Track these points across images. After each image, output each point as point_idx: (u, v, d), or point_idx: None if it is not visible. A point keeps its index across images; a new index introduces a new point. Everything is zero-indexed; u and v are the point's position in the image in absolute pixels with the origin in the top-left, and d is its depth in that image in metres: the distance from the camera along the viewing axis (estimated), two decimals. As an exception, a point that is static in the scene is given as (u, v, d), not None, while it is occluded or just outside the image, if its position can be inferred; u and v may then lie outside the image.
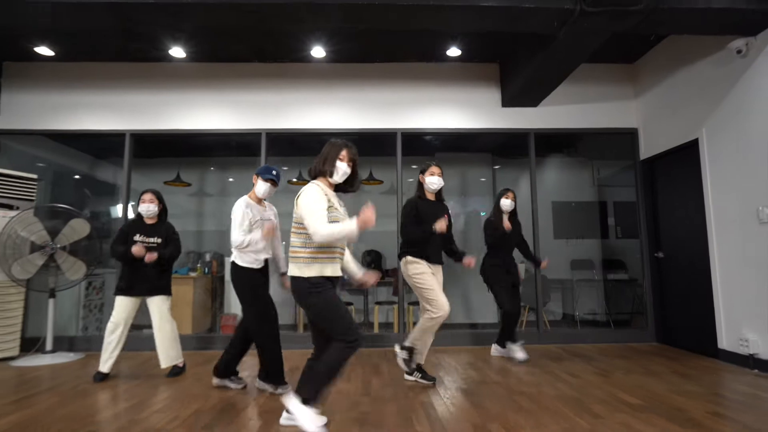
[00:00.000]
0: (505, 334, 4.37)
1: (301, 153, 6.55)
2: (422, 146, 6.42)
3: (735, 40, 3.98)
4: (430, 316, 3.38)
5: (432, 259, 3.49)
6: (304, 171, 6.93)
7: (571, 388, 3.32)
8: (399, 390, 3.34)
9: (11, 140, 5.49)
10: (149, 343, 5.05)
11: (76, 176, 6.72)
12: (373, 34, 4.83)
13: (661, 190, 5.23)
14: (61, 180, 6.49)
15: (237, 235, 3.21)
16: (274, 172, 3.37)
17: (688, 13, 3.53)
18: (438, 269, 3.57)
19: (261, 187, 3.35)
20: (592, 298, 6.84)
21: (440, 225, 3.33)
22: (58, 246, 4.58)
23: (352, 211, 2.52)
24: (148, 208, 3.84)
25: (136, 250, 3.65)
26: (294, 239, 2.46)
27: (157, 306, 3.83)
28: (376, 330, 5.69)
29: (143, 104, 5.36)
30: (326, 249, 2.43)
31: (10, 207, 4.66)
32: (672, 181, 5.02)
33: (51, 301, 4.64)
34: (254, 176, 3.39)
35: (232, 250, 3.29)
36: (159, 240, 3.86)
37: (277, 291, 3.72)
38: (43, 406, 3.01)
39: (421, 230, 3.44)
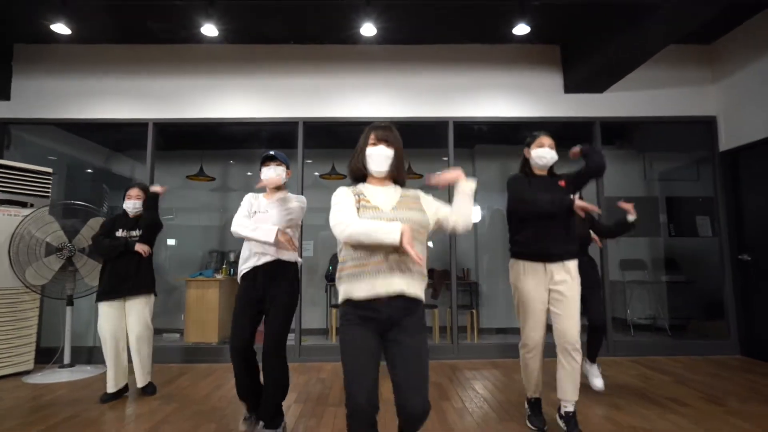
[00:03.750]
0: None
1: (338, 144, 6.03)
2: (463, 137, 5.89)
3: None
4: (520, 346, 2.74)
5: (539, 254, 2.61)
6: (338, 164, 6.40)
7: (690, 422, 2.79)
8: (481, 420, 2.83)
9: (22, 130, 4.98)
10: (172, 354, 4.58)
11: (88, 170, 6.23)
12: (428, 11, 4.28)
13: (745, 186, 4.68)
14: (75, 174, 5.99)
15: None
16: (271, 153, 2.71)
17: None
18: (554, 268, 2.60)
19: (264, 174, 2.68)
20: (644, 301, 6.31)
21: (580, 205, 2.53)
22: (77, 248, 4.08)
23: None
24: (135, 205, 3.51)
25: (140, 248, 3.38)
26: None
27: (138, 310, 3.39)
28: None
29: (168, 91, 4.83)
30: (356, 259, 1.76)
31: (23, 204, 4.16)
32: (762, 176, 4.47)
33: (69, 309, 4.16)
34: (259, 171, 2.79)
35: None
36: (140, 232, 3.47)
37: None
38: (69, 444, 2.52)
39: (546, 199, 2.56)
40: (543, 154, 2.68)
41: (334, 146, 6.44)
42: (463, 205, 1.85)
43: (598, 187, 4.95)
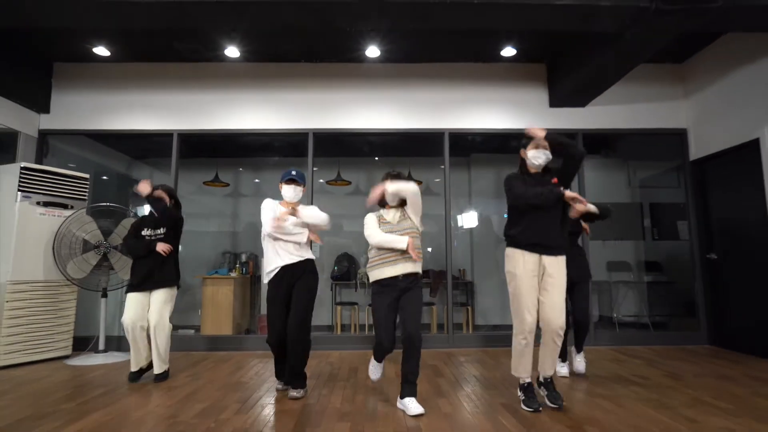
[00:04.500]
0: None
1: (344, 153, 6.54)
2: (459, 147, 6.39)
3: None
4: (514, 335, 2.93)
5: (535, 244, 2.85)
6: (343, 171, 6.91)
7: (647, 390, 3.27)
8: (471, 391, 3.30)
9: (55, 140, 5.49)
10: (195, 343, 5.04)
11: (104, 177, 6.72)
12: (426, 35, 4.81)
13: (712, 192, 5.17)
14: (99, 179, 6.50)
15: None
16: (293, 173, 3.34)
17: (765, 11, 3.49)
18: (546, 260, 2.85)
19: (285, 191, 3.35)
20: (629, 300, 6.76)
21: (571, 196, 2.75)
22: (111, 245, 4.57)
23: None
24: None
25: (160, 248, 3.69)
26: None
27: (159, 302, 3.67)
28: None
29: (192, 104, 5.35)
30: (381, 255, 2.97)
31: (65, 206, 4.66)
32: (726, 182, 4.96)
33: (103, 301, 4.64)
34: (279, 185, 3.40)
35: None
36: (164, 230, 3.79)
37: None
38: (121, 405, 2.99)
39: (534, 192, 2.80)
40: (538, 155, 2.93)
41: (339, 155, 6.95)
42: (397, 188, 2.96)
43: (584, 195, 5.43)
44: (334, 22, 3.79)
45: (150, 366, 3.72)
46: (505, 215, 7.36)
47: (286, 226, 3.21)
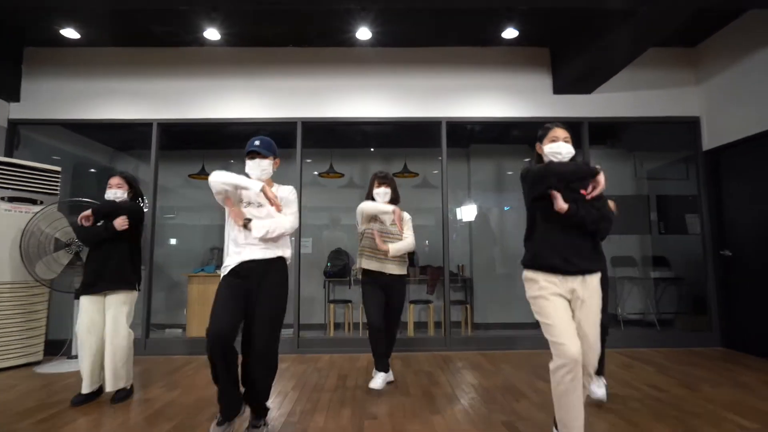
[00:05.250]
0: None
1: (337, 144, 6.21)
2: (457, 137, 6.07)
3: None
4: (551, 367, 2.14)
5: (556, 265, 2.17)
6: (336, 163, 6.58)
7: (662, 404, 2.98)
8: (468, 405, 3.01)
9: (30, 130, 5.16)
10: (177, 347, 4.76)
11: (92, 170, 6.40)
12: (421, 15, 4.46)
13: (726, 184, 4.86)
14: (81, 172, 6.17)
15: None
16: (256, 142, 2.54)
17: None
18: (572, 281, 2.16)
19: (248, 168, 2.56)
20: (634, 297, 6.48)
21: (559, 203, 2.14)
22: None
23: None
24: (116, 194, 3.24)
25: (118, 221, 3.12)
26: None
27: (115, 307, 3.12)
28: (410, 333, 5.37)
29: (172, 92, 5.01)
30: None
31: (33, 201, 4.35)
32: (742, 174, 4.65)
33: (76, 303, 4.32)
34: None
35: None
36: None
37: None
38: (79, 426, 2.70)
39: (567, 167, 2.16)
40: (558, 149, 2.24)
41: (332, 146, 6.62)
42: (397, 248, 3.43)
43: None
44: (320, 2, 3.46)
45: (102, 390, 3.16)
46: (506, 208, 7.12)
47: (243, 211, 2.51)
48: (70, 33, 4.27)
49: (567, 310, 2.15)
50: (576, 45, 4.58)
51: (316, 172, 6.81)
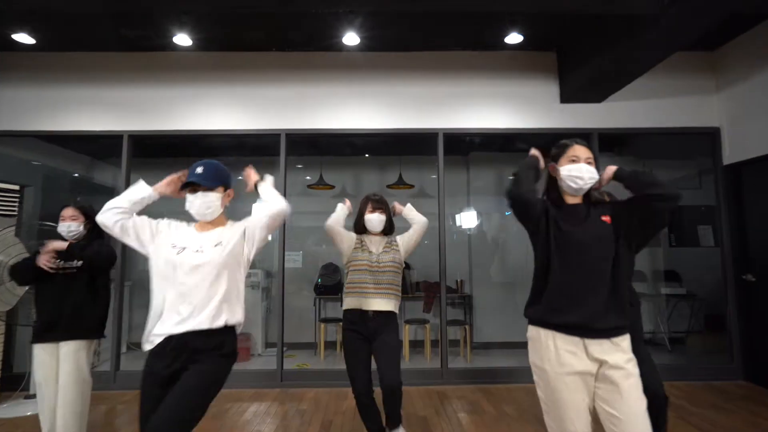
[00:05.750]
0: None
1: (328, 152, 5.79)
2: (456, 145, 5.67)
3: None
4: None
5: (573, 325, 1.68)
6: (326, 174, 6.17)
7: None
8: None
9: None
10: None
11: (66, 180, 5.97)
12: (416, 18, 4.03)
13: (749, 202, 4.45)
14: (52, 185, 5.75)
15: None
16: (198, 170, 1.98)
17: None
18: (597, 348, 1.67)
19: (189, 205, 2.06)
20: (644, 315, 6.09)
21: (605, 174, 1.86)
22: (44, 271, 3.85)
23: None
24: (69, 227, 2.70)
25: (44, 260, 2.58)
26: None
27: (70, 360, 2.59)
28: (406, 357, 4.99)
29: (143, 101, 4.59)
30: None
31: (-15, 226, 3.95)
32: (765, 192, 4.24)
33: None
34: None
35: None
36: (80, 263, 2.67)
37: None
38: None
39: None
40: (578, 172, 1.79)
41: (322, 154, 6.22)
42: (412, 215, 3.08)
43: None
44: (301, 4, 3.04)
45: None
46: (507, 213, 6.71)
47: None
48: (22, 38, 3.84)
49: (586, 401, 1.66)
50: (587, 49, 4.15)
51: (308, 177, 6.39)
